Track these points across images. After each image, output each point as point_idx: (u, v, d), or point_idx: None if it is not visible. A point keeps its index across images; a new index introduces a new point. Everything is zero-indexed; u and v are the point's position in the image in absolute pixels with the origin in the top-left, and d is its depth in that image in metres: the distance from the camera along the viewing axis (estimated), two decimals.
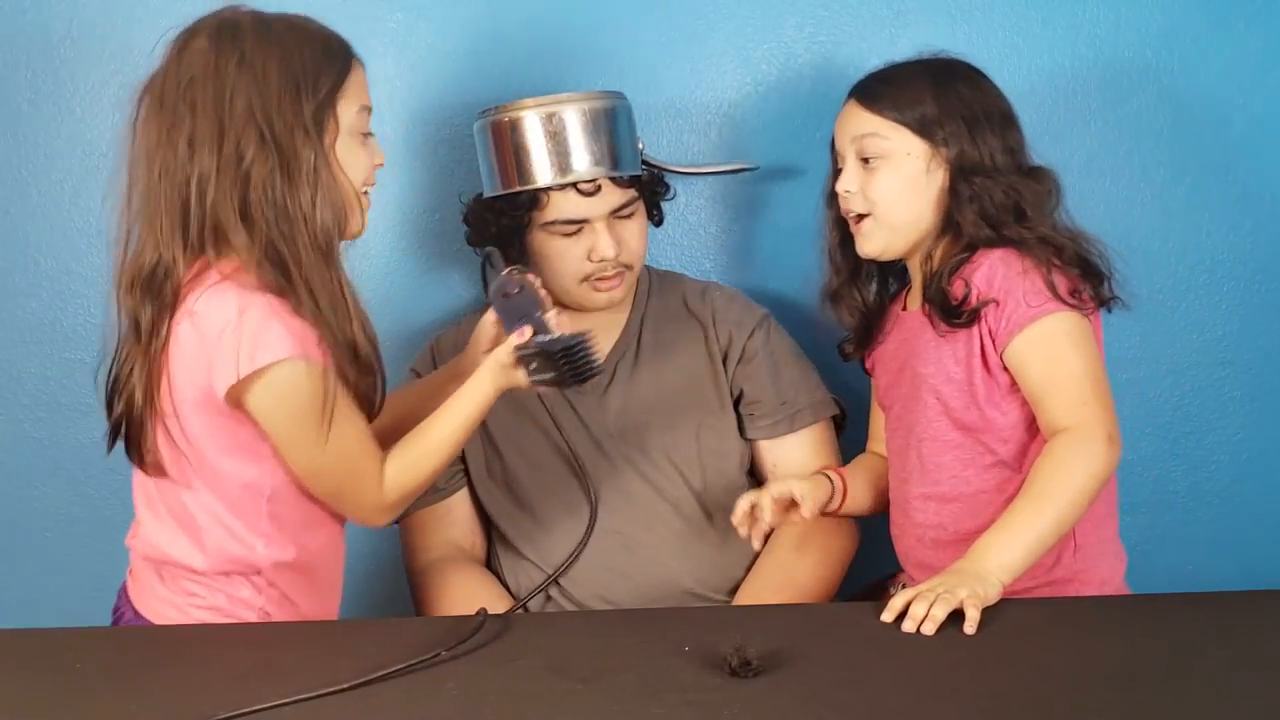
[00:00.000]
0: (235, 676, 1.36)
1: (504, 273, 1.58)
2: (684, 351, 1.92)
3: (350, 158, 1.47)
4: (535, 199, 1.80)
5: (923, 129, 1.66)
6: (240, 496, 1.51)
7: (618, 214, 1.82)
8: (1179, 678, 1.31)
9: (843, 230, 1.74)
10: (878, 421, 1.84)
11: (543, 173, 1.78)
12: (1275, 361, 2.12)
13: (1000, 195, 1.64)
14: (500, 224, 1.84)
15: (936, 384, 1.67)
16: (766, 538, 1.87)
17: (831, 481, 1.78)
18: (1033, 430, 1.64)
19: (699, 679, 1.31)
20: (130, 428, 1.50)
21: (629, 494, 1.85)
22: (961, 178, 1.65)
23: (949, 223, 1.67)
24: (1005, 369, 1.63)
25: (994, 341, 1.62)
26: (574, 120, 1.78)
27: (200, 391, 1.44)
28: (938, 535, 1.70)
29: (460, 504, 1.92)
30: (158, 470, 1.51)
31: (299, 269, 1.41)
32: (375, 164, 1.52)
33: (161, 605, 1.59)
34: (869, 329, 1.79)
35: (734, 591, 1.85)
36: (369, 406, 1.52)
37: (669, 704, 1.26)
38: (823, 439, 1.93)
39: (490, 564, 1.94)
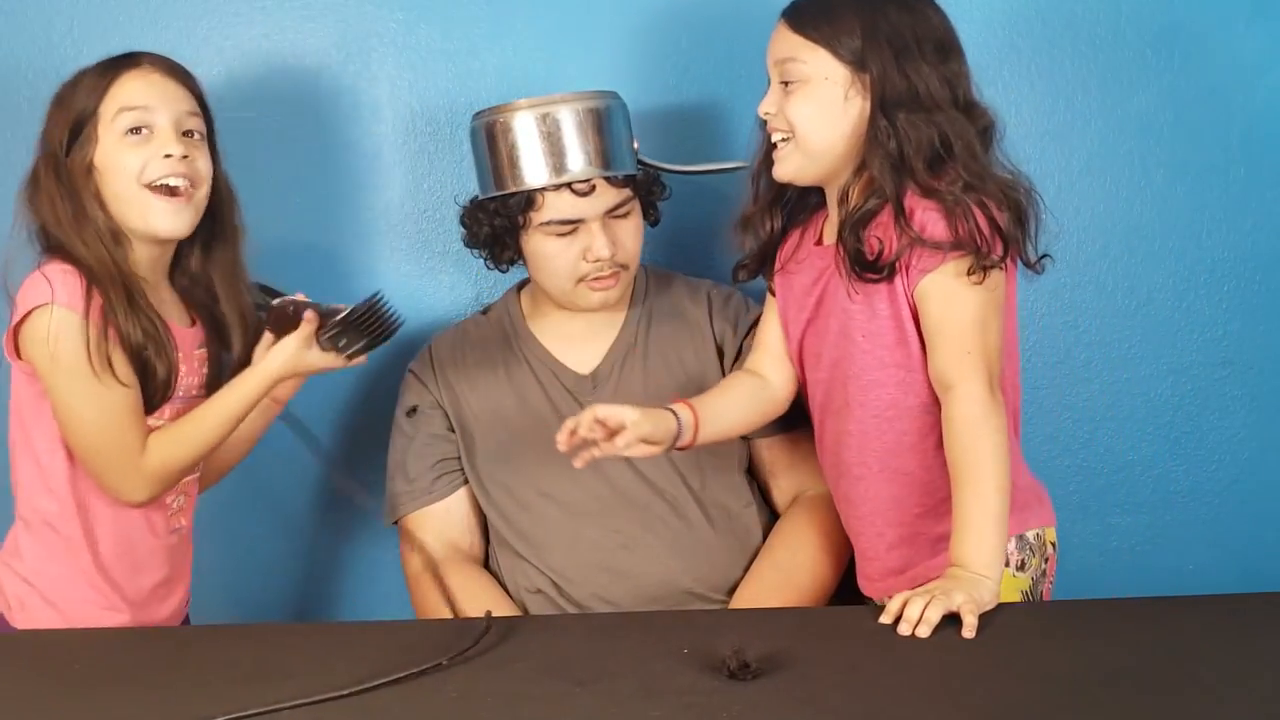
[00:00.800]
0: (236, 677, 1.36)
1: (275, 302, 1.71)
2: (681, 350, 1.92)
3: (117, 161, 1.63)
4: (530, 199, 1.80)
5: (842, 53, 1.59)
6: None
7: (613, 214, 1.82)
8: (1179, 679, 1.31)
9: (768, 154, 1.69)
10: (768, 331, 1.80)
11: (538, 173, 1.78)
12: (1275, 361, 2.12)
13: (924, 133, 1.56)
14: (495, 225, 1.85)
15: (864, 320, 1.63)
16: (767, 532, 1.89)
17: (677, 416, 1.70)
18: None
19: (697, 681, 1.31)
20: None
21: (627, 494, 1.85)
22: (882, 111, 1.58)
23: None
24: None
25: (907, 281, 1.59)
26: (568, 120, 1.78)
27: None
28: (889, 516, 1.68)
29: (458, 504, 1.92)
30: None
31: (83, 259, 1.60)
32: (161, 155, 1.63)
33: None
34: (766, 255, 1.76)
35: (733, 591, 1.85)
36: (154, 386, 1.64)
37: (667, 706, 1.27)
38: None
39: (488, 564, 1.94)
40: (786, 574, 1.84)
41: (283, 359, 1.64)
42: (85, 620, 1.65)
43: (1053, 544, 1.73)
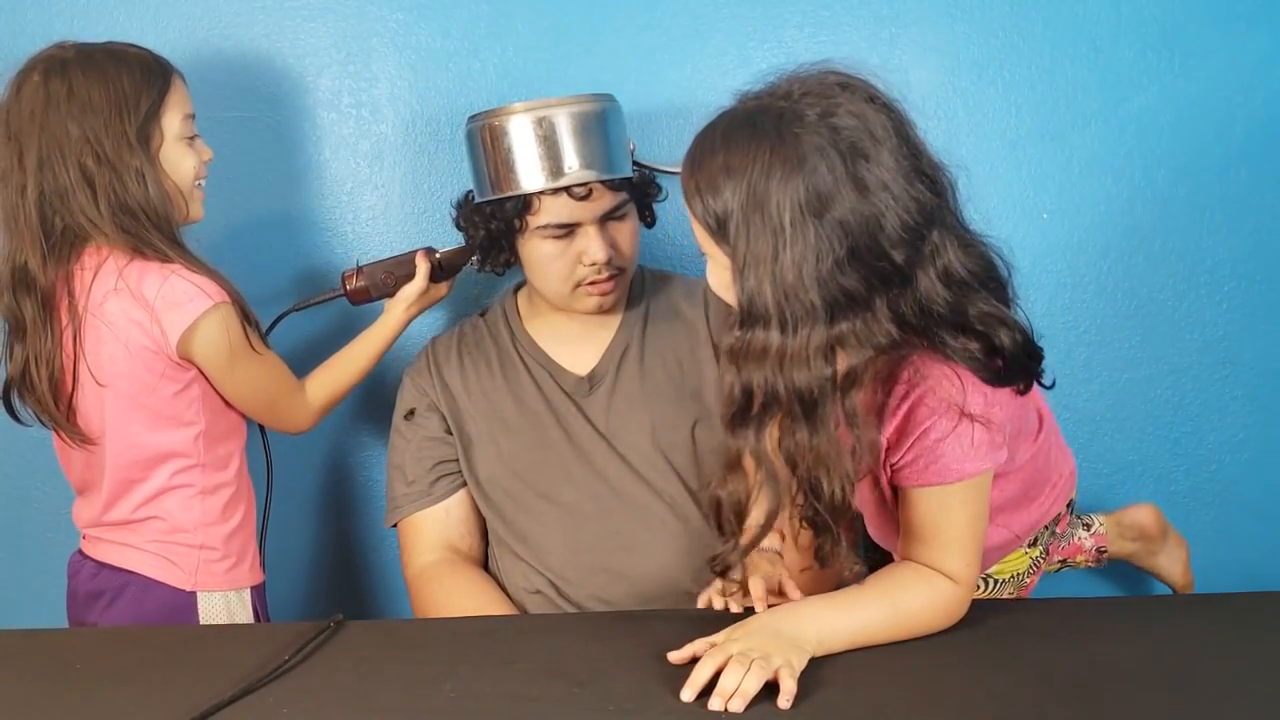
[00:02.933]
0: (238, 677, 1.36)
1: (346, 272, 1.97)
2: (679, 350, 1.92)
3: (176, 159, 1.73)
4: (527, 203, 1.79)
5: (724, 242, 1.32)
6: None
7: (610, 217, 1.82)
8: (1179, 679, 1.32)
9: None
10: None
11: (534, 177, 1.78)
12: (1275, 361, 2.12)
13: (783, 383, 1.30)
14: (491, 228, 1.84)
15: None
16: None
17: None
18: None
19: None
20: (53, 412, 1.73)
21: (626, 494, 1.85)
22: (729, 359, 1.32)
23: None
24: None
25: (888, 465, 1.43)
26: (564, 124, 1.77)
27: (152, 346, 1.68)
28: None
29: (457, 506, 1.92)
30: (89, 440, 1.75)
31: (150, 248, 1.67)
32: (203, 160, 1.78)
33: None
34: None
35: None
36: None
37: (666, 707, 1.27)
38: None
39: (487, 566, 1.94)
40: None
41: (403, 310, 1.94)
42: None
43: (1068, 504, 1.73)
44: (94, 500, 1.80)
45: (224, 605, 1.79)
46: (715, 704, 1.25)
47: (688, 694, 1.27)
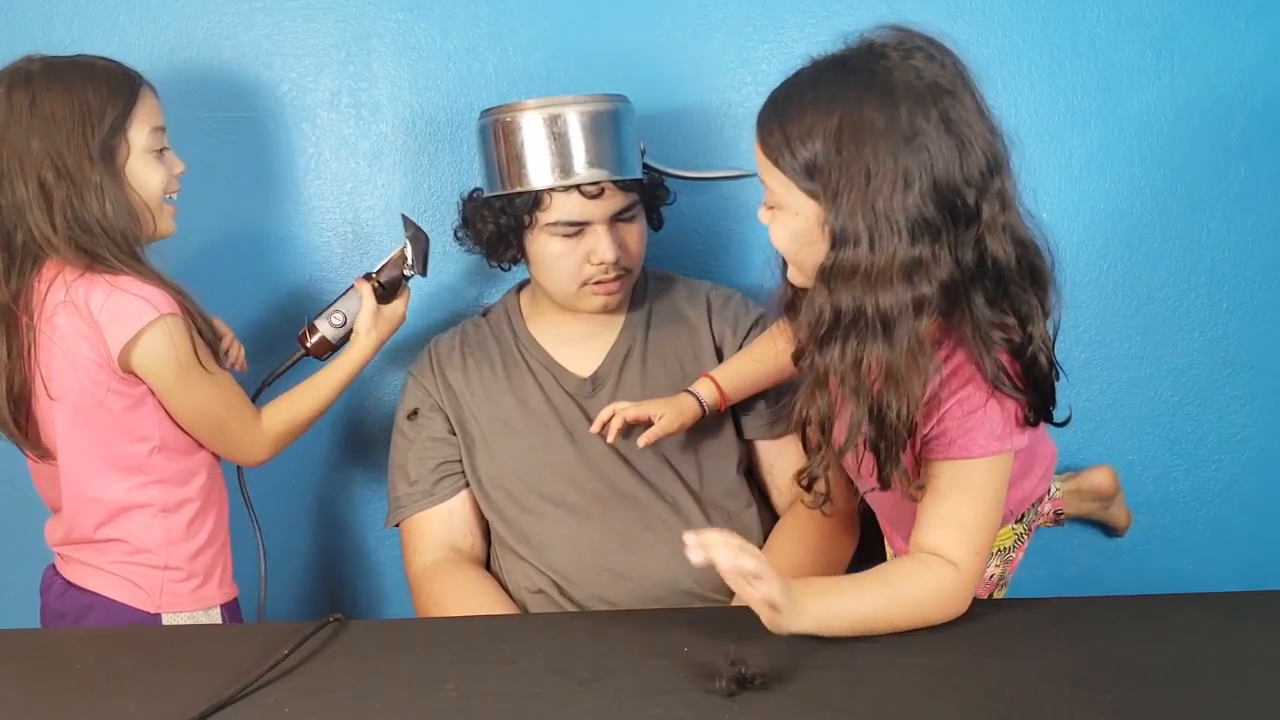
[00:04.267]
0: (237, 676, 1.36)
1: (301, 339, 1.93)
2: (680, 352, 1.92)
3: (143, 174, 1.70)
4: (537, 199, 1.80)
5: (808, 187, 1.37)
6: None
7: (619, 217, 1.82)
8: (1179, 678, 1.32)
9: None
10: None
11: (545, 174, 1.78)
12: (1275, 361, 2.12)
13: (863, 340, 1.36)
14: (500, 223, 1.84)
15: None
16: (767, 532, 1.88)
17: (697, 396, 1.78)
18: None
19: (698, 680, 1.31)
20: (9, 426, 1.73)
21: (627, 495, 1.85)
22: (823, 279, 1.37)
23: None
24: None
25: (918, 438, 1.45)
26: (578, 122, 1.77)
27: (97, 359, 1.65)
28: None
29: (459, 506, 1.92)
30: (48, 454, 1.74)
31: (102, 262, 1.65)
32: (174, 173, 1.75)
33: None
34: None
35: (733, 592, 1.85)
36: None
37: (668, 705, 1.27)
38: None
39: (489, 565, 1.94)
40: (787, 574, 1.83)
41: (366, 340, 1.88)
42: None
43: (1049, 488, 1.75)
44: (60, 518, 1.79)
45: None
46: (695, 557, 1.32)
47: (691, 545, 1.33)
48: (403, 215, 1.94)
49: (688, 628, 1.45)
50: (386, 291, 1.92)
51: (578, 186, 1.77)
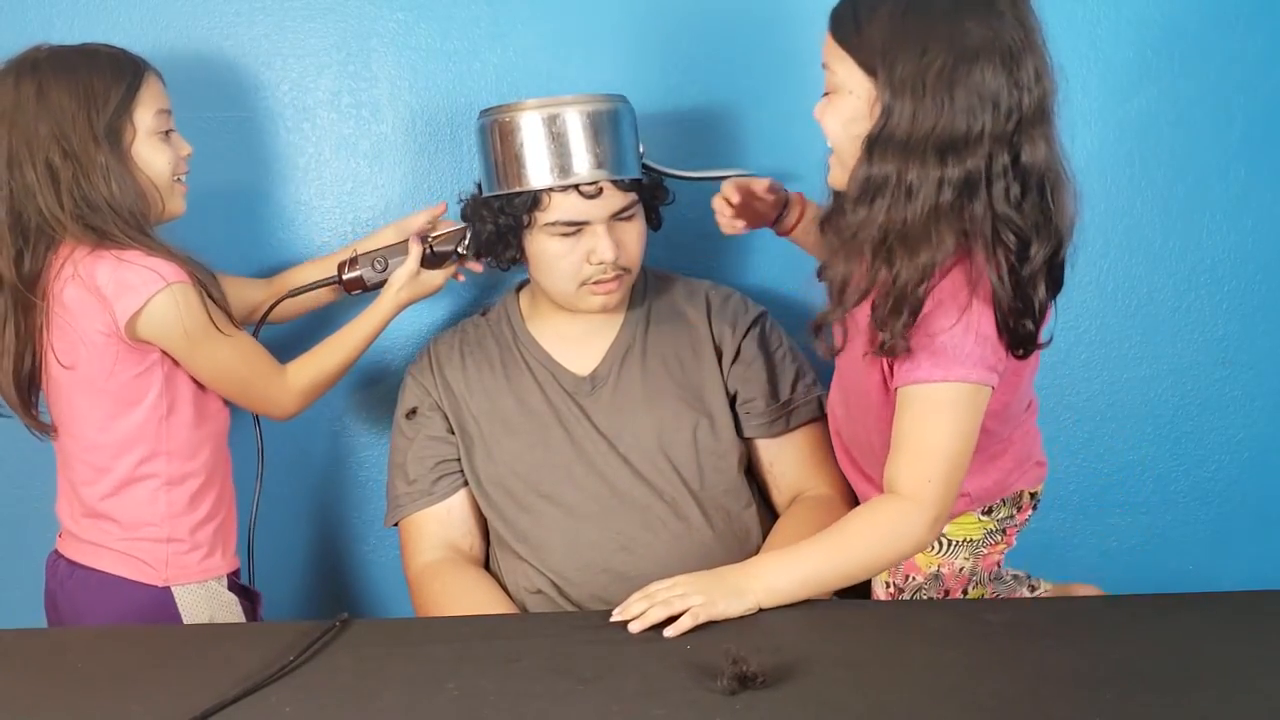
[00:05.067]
0: (242, 676, 1.36)
1: (346, 270, 1.95)
2: (680, 351, 1.92)
3: (149, 155, 1.74)
4: (537, 199, 1.80)
5: (864, 59, 1.46)
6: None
7: (618, 217, 1.82)
8: (1179, 678, 1.32)
9: None
10: None
11: (545, 174, 1.78)
12: (1275, 362, 2.12)
13: (907, 200, 1.43)
14: (499, 223, 1.84)
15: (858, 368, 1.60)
16: (767, 532, 1.88)
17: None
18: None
19: (700, 679, 1.31)
20: (13, 402, 1.77)
21: (627, 495, 1.85)
22: (868, 148, 1.46)
23: None
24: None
25: (890, 369, 1.53)
26: (576, 122, 1.77)
27: (104, 330, 1.70)
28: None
29: (458, 505, 1.92)
30: (51, 431, 1.80)
31: (110, 239, 1.69)
32: (182, 155, 1.80)
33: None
34: None
35: None
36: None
37: (670, 704, 1.27)
38: (820, 436, 1.92)
39: (488, 565, 1.94)
40: None
41: (392, 298, 1.91)
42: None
43: (1030, 494, 1.74)
44: (68, 493, 1.82)
45: (204, 597, 1.80)
46: (615, 615, 1.46)
47: (618, 614, 1.46)
48: (471, 196, 1.94)
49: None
50: (434, 259, 1.93)
51: (576, 187, 1.77)
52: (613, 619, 1.46)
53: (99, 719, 1.31)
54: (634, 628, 1.43)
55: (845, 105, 1.50)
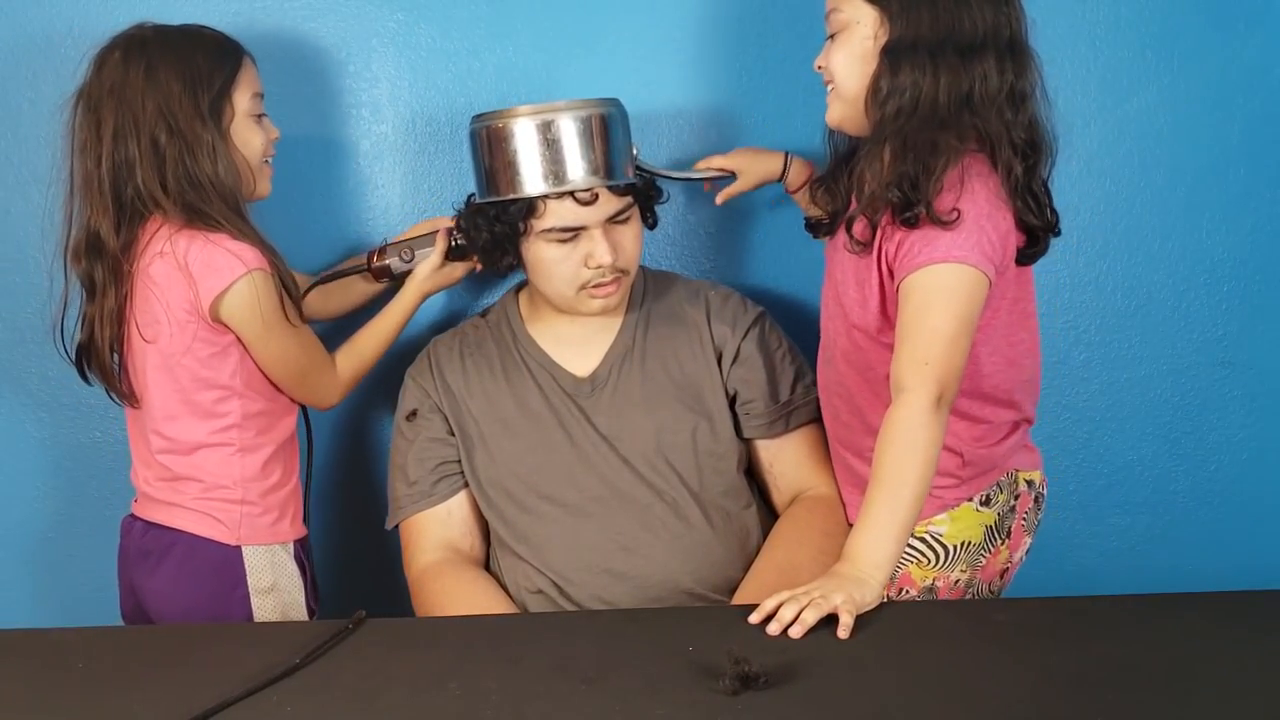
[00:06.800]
0: (241, 676, 1.36)
1: (375, 258, 2.01)
2: (679, 352, 1.92)
3: (246, 135, 1.80)
4: (532, 206, 1.79)
5: None
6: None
7: (614, 220, 1.82)
8: (1179, 678, 1.32)
9: None
10: None
11: (539, 181, 1.78)
12: (1275, 361, 2.12)
13: (929, 86, 1.55)
14: (495, 231, 1.84)
15: (842, 290, 1.69)
16: (766, 532, 1.89)
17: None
18: None
19: (702, 679, 1.31)
20: (103, 370, 1.82)
21: (627, 495, 1.85)
22: (885, 57, 1.58)
23: None
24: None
25: (891, 270, 1.60)
26: (571, 128, 1.77)
27: (188, 307, 1.75)
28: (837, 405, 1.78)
29: (459, 506, 1.92)
30: (135, 398, 1.83)
31: (203, 218, 1.74)
32: (270, 138, 1.85)
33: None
34: (836, 215, 1.76)
35: (733, 592, 1.85)
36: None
37: (672, 704, 1.27)
38: (820, 436, 1.92)
39: (488, 566, 1.94)
40: (787, 574, 1.83)
41: (416, 288, 1.98)
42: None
43: (1027, 482, 1.75)
44: (146, 459, 1.86)
45: (268, 559, 1.84)
46: (773, 629, 1.43)
47: (755, 617, 1.46)
48: (465, 204, 1.95)
49: (691, 627, 1.46)
50: (458, 252, 1.96)
51: (572, 193, 1.77)
52: (753, 619, 1.45)
53: (98, 718, 1.31)
54: (794, 632, 1.42)
55: (851, 38, 1.60)
